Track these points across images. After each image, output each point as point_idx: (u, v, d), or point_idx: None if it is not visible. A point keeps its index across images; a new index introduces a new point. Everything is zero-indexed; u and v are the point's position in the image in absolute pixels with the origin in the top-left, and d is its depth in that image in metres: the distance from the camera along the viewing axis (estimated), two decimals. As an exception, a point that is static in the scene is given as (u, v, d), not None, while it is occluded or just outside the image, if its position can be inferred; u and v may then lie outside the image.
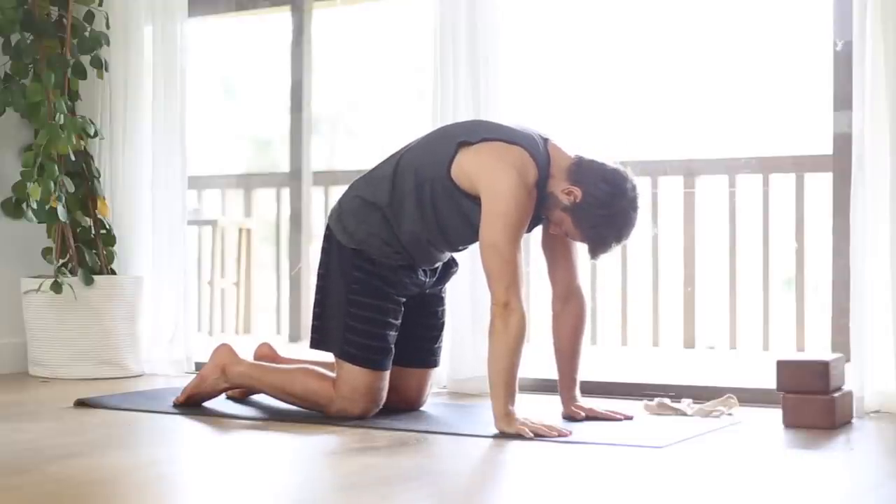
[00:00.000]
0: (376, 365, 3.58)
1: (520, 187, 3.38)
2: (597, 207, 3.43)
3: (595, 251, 3.48)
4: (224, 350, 3.84)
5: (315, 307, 3.67)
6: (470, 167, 3.46)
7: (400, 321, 3.64)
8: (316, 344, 3.66)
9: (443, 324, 3.82)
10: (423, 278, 3.68)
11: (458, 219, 3.52)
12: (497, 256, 3.36)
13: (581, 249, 3.61)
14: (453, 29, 4.24)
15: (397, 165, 3.58)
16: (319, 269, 3.69)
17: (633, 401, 3.92)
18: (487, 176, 3.41)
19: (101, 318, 4.66)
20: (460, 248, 3.70)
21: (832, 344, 4.44)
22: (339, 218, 3.65)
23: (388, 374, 3.61)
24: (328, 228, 3.68)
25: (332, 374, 3.64)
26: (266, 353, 4.04)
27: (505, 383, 3.34)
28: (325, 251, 3.67)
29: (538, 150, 3.47)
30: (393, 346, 3.61)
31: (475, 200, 3.45)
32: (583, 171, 3.46)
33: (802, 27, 5.50)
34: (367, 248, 3.59)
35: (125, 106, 4.84)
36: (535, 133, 3.53)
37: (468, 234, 3.53)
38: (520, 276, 3.37)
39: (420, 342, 3.76)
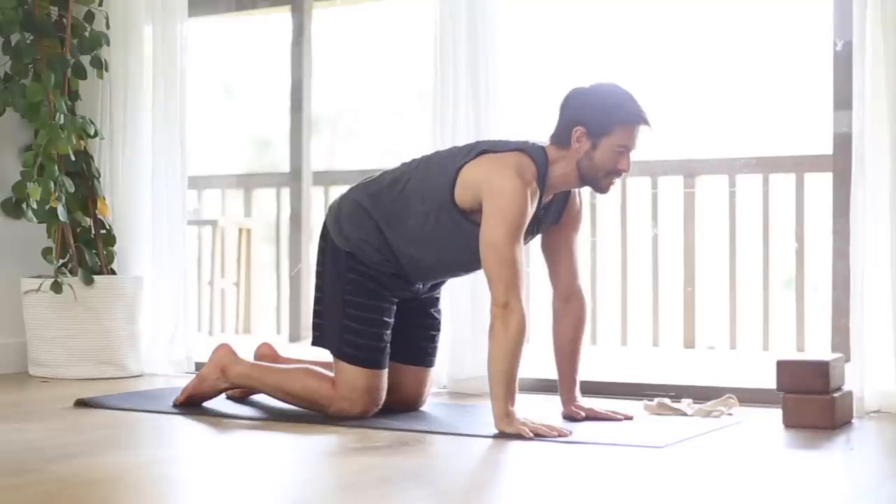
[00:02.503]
0: (374, 364, 3.58)
1: (519, 188, 3.38)
2: (596, 109, 3.43)
3: (643, 120, 3.45)
4: (224, 350, 3.83)
5: (315, 305, 3.69)
6: (470, 177, 3.45)
7: (393, 320, 3.64)
8: (317, 341, 3.67)
9: (439, 322, 3.82)
10: (417, 286, 3.68)
11: (463, 250, 3.51)
12: (497, 256, 3.36)
13: (581, 249, 3.62)
14: (453, 29, 4.23)
15: (402, 192, 3.56)
16: (317, 267, 3.70)
17: (633, 401, 3.92)
18: (487, 179, 3.41)
19: (101, 318, 4.65)
20: (461, 274, 3.71)
21: (832, 344, 4.44)
22: (335, 219, 3.65)
23: (385, 372, 3.62)
24: (325, 227, 3.68)
25: (332, 374, 3.64)
26: (266, 353, 4.04)
27: (505, 384, 3.34)
28: (322, 251, 3.68)
29: (533, 148, 3.48)
30: (389, 343, 3.62)
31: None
32: (559, 127, 3.49)
33: (802, 27, 5.50)
34: (360, 254, 3.59)
35: (125, 106, 4.83)
36: (531, 139, 3.54)
37: (473, 265, 3.54)
38: (520, 276, 3.36)
39: (417, 342, 3.76)
